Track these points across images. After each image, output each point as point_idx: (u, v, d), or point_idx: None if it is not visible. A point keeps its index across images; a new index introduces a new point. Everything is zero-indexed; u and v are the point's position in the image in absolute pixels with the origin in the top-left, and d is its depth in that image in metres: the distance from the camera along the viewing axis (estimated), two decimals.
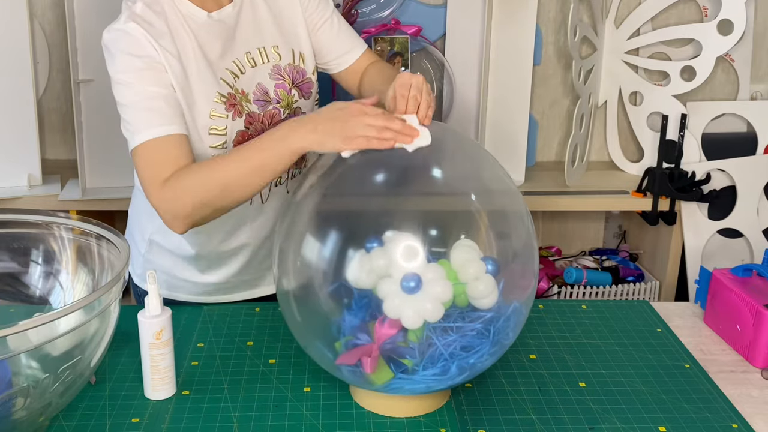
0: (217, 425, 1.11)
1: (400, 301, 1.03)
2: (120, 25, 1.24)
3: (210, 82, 1.29)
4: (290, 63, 1.37)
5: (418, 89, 1.15)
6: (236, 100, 1.31)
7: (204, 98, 1.28)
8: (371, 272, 1.04)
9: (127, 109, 1.24)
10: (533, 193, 2.25)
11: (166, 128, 1.22)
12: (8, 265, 1.24)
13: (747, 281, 1.37)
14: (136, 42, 1.23)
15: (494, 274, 1.07)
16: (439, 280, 1.04)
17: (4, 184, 2.16)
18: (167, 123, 1.22)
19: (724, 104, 2.41)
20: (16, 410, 0.98)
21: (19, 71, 2.10)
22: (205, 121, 1.29)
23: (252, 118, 1.33)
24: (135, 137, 1.22)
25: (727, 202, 2.31)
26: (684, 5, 2.43)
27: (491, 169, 1.16)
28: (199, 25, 1.29)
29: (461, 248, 1.07)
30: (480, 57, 2.27)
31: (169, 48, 1.25)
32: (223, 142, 1.31)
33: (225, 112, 1.30)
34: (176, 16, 1.28)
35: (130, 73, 1.23)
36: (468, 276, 1.06)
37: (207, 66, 1.29)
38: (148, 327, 1.14)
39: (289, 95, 1.37)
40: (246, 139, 1.33)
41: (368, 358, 1.06)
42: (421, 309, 1.03)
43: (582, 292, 2.35)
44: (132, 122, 1.23)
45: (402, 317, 1.04)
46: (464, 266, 1.06)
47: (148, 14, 1.25)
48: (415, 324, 1.04)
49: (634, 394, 1.20)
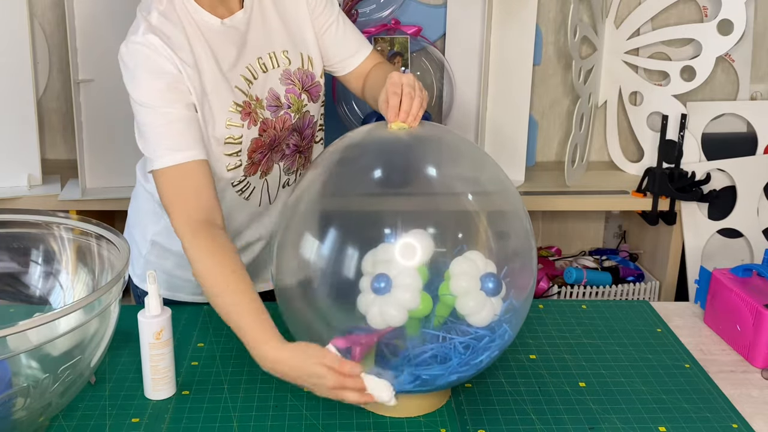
0: (217, 425, 1.11)
1: (370, 300, 1.04)
2: (139, 37, 1.22)
3: (225, 92, 1.28)
4: (299, 67, 1.36)
5: (411, 86, 1.16)
6: (251, 108, 1.30)
7: (220, 109, 1.28)
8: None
9: (147, 130, 1.23)
10: (533, 193, 2.25)
11: (186, 154, 1.22)
12: (8, 265, 1.24)
13: (747, 281, 1.37)
14: (156, 58, 1.21)
15: (491, 293, 1.06)
16: (410, 288, 1.04)
17: (4, 184, 2.15)
18: (187, 148, 1.22)
19: (724, 104, 2.41)
20: (16, 410, 0.98)
21: (19, 71, 2.09)
22: (221, 131, 1.28)
23: (266, 124, 1.33)
24: (155, 160, 1.22)
25: (727, 202, 2.31)
26: (684, 5, 2.43)
27: (489, 169, 1.16)
28: (214, 33, 1.28)
29: (463, 260, 1.06)
30: (480, 57, 2.27)
31: (188, 60, 1.24)
32: (237, 150, 1.31)
33: (240, 122, 1.29)
34: (191, 25, 1.26)
35: (150, 94, 1.21)
36: (459, 289, 1.05)
37: (221, 76, 1.28)
38: (148, 327, 1.14)
39: (300, 99, 1.37)
40: (260, 146, 1.33)
41: (359, 347, 1.06)
42: (385, 312, 1.04)
43: (582, 292, 2.35)
44: (152, 144, 1.23)
45: (367, 314, 1.05)
46: (457, 278, 1.05)
47: (165, 25, 1.24)
48: (379, 324, 1.05)
49: (634, 394, 1.20)
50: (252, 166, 1.35)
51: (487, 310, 1.06)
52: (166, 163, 1.22)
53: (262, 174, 1.38)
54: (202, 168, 1.23)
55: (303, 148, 1.43)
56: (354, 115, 2.31)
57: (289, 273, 1.13)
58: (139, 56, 1.22)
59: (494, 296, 1.06)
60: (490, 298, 1.06)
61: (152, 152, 1.23)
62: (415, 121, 1.14)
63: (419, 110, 1.15)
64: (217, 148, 1.30)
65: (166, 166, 1.22)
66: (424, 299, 1.05)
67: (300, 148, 1.42)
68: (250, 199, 1.40)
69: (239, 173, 1.34)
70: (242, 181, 1.36)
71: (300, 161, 1.44)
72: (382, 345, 1.08)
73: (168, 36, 1.23)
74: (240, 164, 1.33)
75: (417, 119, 1.14)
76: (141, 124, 1.24)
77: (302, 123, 1.39)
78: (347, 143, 1.18)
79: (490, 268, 1.07)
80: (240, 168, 1.34)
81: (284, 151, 1.40)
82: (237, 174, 1.34)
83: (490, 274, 1.06)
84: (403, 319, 1.04)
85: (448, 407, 1.16)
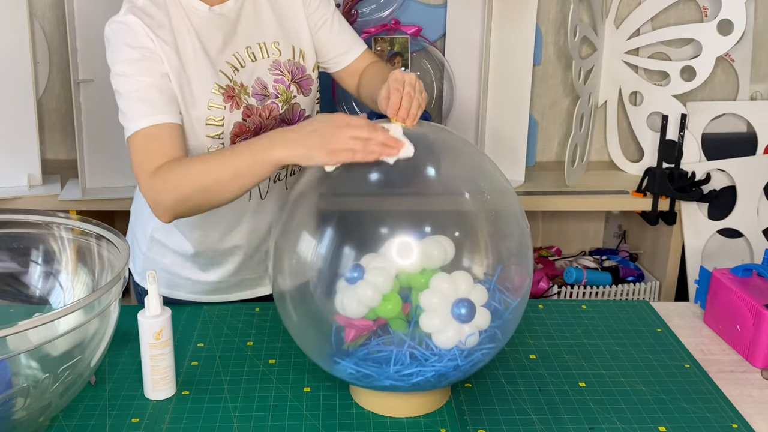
0: (217, 425, 1.11)
1: (342, 285, 1.05)
2: (120, 17, 1.28)
3: (208, 73, 1.30)
4: (290, 59, 1.38)
5: (411, 86, 1.16)
6: (234, 92, 1.33)
7: (201, 89, 1.30)
8: (360, 303, 1.05)
9: (123, 99, 1.27)
10: (533, 193, 2.25)
11: (158, 117, 1.25)
12: (8, 265, 1.24)
13: (747, 281, 1.37)
14: (134, 33, 1.26)
15: (460, 319, 1.03)
16: (377, 287, 1.03)
17: (4, 184, 2.16)
18: (159, 112, 1.25)
19: (724, 104, 2.41)
20: (16, 410, 0.98)
21: (19, 71, 2.10)
22: (202, 111, 1.30)
23: (250, 111, 1.34)
24: (129, 126, 1.25)
25: (727, 202, 2.31)
26: (684, 5, 2.43)
27: (487, 169, 1.16)
28: (201, 19, 1.32)
29: (445, 277, 1.04)
30: (480, 57, 2.27)
31: (166, 38, 1.28)
32: (219, 133, 1.32)
33: (222, 104, 1.31)
34: (177, 9, 1.30)
35: (126, 64, 1.26)
36: (428, 305, 1.04)
37: (206, 58, 1.30)
38: (148, 327, 1.14)
39: (288, 91, 1.38)
40: (243, 131, 1.35)
41: (353, 330, 1.06)
42: (345, 302, 1.04)
43: (582, 292, 2.35)
44: (127, 112, 1.26)
45: (334, 298, 1.05)
46: (431, 294, 1.04)
47: (148, 7, 1.28)
48: (340, 310, 1.04)
49: (634, 394, 1.20)
50: None
51: (452, 333, 1.03)
52: (136, 127, 1.24)
53: None
54: (172, 131, 1.26)
55: None
56: (354, 115, 2.31)
57: (286, 274, 1.13)
58: (118, 32, 1.27)
59: (464, 323, 1.03)
60: (458, 323, 1.03)
61: (127, 121, 1.26)
62: (414, 120, 1.15)
63: (417, 111, 1.16)
64: (200, 129, 1.31)
65: (137, 130, 1.24)
66: (390, 300, 1.04)
67: None
68: None
69: None
70: None
71: None
72: (375, 334, 1.08)
73: (149, 15, 1.28)
74: (222, 147, 1.34)
75: (415, 120, 1.15)
76: (118, 94, 1.27)
77: (291, 114, 1.40)
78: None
79: (475, 293, 1.04)
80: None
81: None
82: None
83: (465, 301, 1.03)
84: (361, 312, 1.04)
85: (448, 407, 1.16)
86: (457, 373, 1.07)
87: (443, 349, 1.05)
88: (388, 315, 1.05)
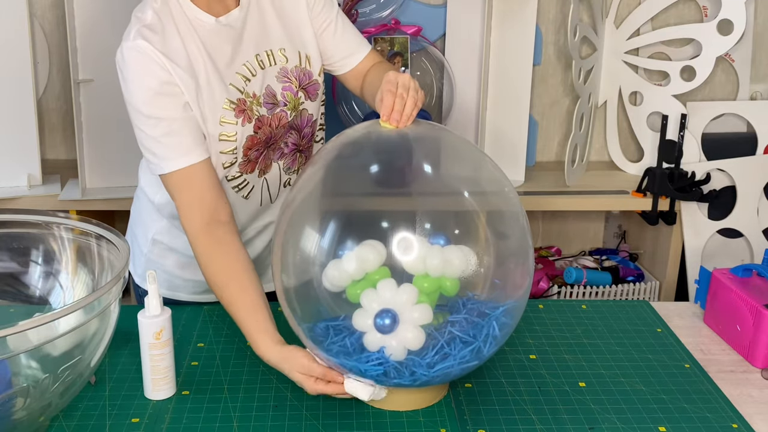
0: (217, 425, 1.11)
1: (379, 337, 1.06)
2: (130, 42, 1.24)
3: (219, 90, 1.28)
4: (297, 65, 1.37)
5: (405, 87, 1.16)
6: (246, 105, 1.31)
7: (213, 106, 1.28)
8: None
9: (148, 139, 1.26)
10: (533, 193, 2.25)
11: (187, 159, 1.26)
12: (8, 265, 1.24)
13: (747, 281, 1.37)
14: (147, 63, 1.23)
15: (381, 329, 1.05)
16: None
17: (4, 184, 2.15)
18: (187, 152, 1.26)
19: (724, 104, 2.41)
20: (16, 410, 0.98)
21: (19, 71, 2.09)
22: (215, 128, 1.29)
23: (261, 122, 1.33)
24: (160, 164, 1.27)
25: (727, 202, 2.31)
26: (684, 5, 2.43)
27: (487, 168, 1.16)
28: (208, 31, 1.29)
29: (401, 287, 1.06)
30: (480, 57, 2.27)
31: (180, 62, 1.25)
32: (233, 148, 1.32)
33: (234, 119, 1.30)
34: (184, 23, 1.27)
35: (146, 103, 1.24)
36: (365, 303, 1.07)
37: (216, 74, 1.28)
38: (148, 327, 1.14)
39: (296, 97, 1.37)
40: (255, 143, 1.34)
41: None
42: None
43: (582, 292, 2.35)
44: (155, 152, 1.27)
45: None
46: (370, 294, 1.07)
47: (156, 25, 1.25)
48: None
49: (634, 394, 1.20)
50: (248, 163, 1.35)
51: (377, 338, 1.07)
52: (167, 169, 1.26)
53: (260, 173, 1.39)
54: (203, 168, 1.27)
55: (303, 147, 1.43)
56: (354, 115, 2.31)
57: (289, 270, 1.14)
58: (131, 63, 1.24)
59: (385, 334, 1.05)
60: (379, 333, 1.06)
61: (153, 158, 1.27)
62: (408, 120, 1.14)
63: (413, 110, 1.15)
64: (213, 145, 1.30)
65: (168, 172, 1.26)
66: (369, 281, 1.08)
67: (299, 147, 1.42)
68: (249, 198, 1.40)
69: (235, 170, 1.35)
70: (237, 177, 1.36)
71: (300, 160, 1.44)
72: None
73: (160, 38, 1.24)
74: (235, 161, 1.33)
75: (410, 119, 1.14)
76: (139, 130, 1.27)
77: (300, 121, 1.39)
78: (344, 141, 1.18)
79: (419, 311, 1.05)
80: (235, 165, 1.34)
81: (283, 150, 1.40)
82: (232, 171, 1.35)
83: (388, 312, 1.05)
84: (343, 281, 1.08)
85: (448, 407, 1.16)
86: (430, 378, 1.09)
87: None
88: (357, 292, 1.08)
